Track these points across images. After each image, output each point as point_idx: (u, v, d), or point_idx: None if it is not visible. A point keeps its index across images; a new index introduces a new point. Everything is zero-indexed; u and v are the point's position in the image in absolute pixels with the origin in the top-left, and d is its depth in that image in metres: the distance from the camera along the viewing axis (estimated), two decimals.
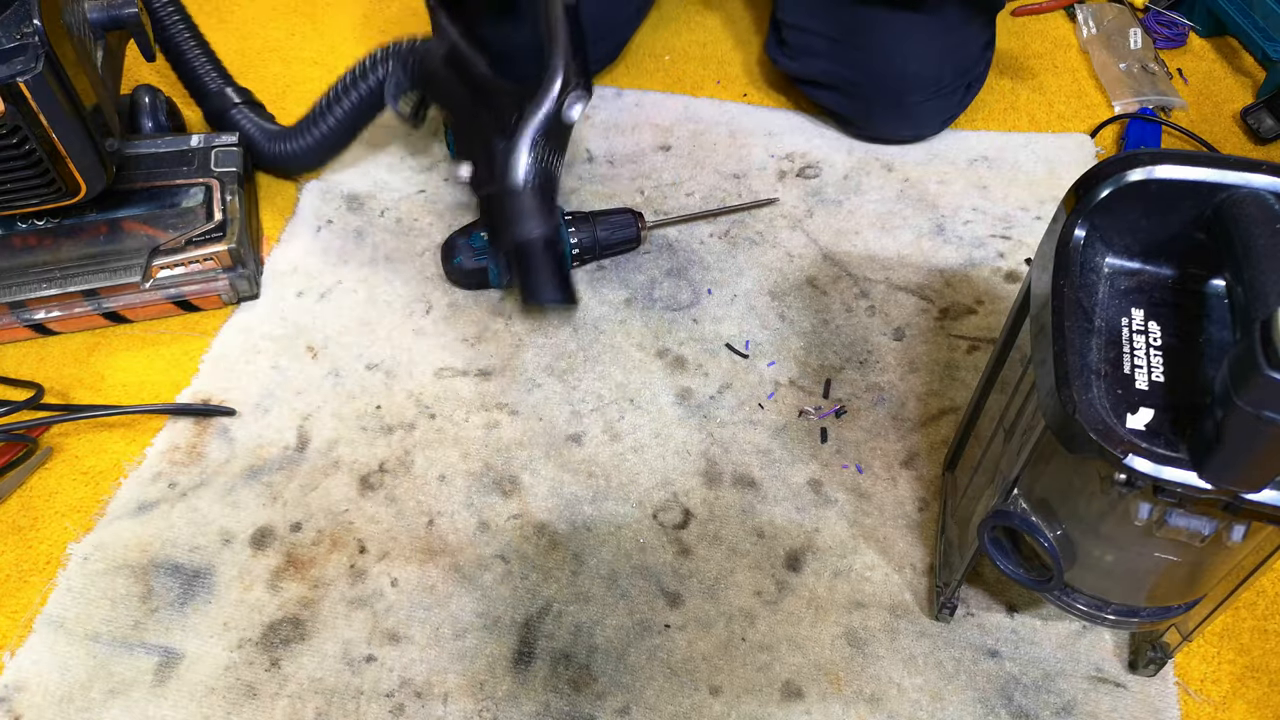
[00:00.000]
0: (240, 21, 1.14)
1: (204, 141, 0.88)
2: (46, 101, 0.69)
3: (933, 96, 0.93)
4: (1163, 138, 0.99)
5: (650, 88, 1.05)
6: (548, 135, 0.75)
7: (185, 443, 0.75)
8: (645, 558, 0.69)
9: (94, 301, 0.80)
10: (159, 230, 0.82)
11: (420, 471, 0.74)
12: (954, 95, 0.95)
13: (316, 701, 0.62)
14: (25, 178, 0.73)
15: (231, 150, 0.88)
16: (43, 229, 0.81)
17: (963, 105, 0.97)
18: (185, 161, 0.87)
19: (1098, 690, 0.63)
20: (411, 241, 0.90)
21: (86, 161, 0.74)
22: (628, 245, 0.88)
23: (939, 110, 0.95)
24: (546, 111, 0.74)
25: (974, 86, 0.97)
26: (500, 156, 0.75)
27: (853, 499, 0.72)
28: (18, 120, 0.69)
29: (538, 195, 0.76)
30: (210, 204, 0.84)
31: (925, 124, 0.96)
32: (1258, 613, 0.67)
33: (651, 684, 0.63)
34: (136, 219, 0.83)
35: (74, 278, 0.80)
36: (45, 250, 0.81)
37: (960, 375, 0.79)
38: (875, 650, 0.65)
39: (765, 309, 0.84)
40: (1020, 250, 0.88)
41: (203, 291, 0.83)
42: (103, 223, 0.82)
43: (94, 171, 0.75)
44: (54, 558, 0.69)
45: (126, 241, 0.82)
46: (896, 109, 0.94)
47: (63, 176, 0.74)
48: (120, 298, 0.81)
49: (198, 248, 0.81)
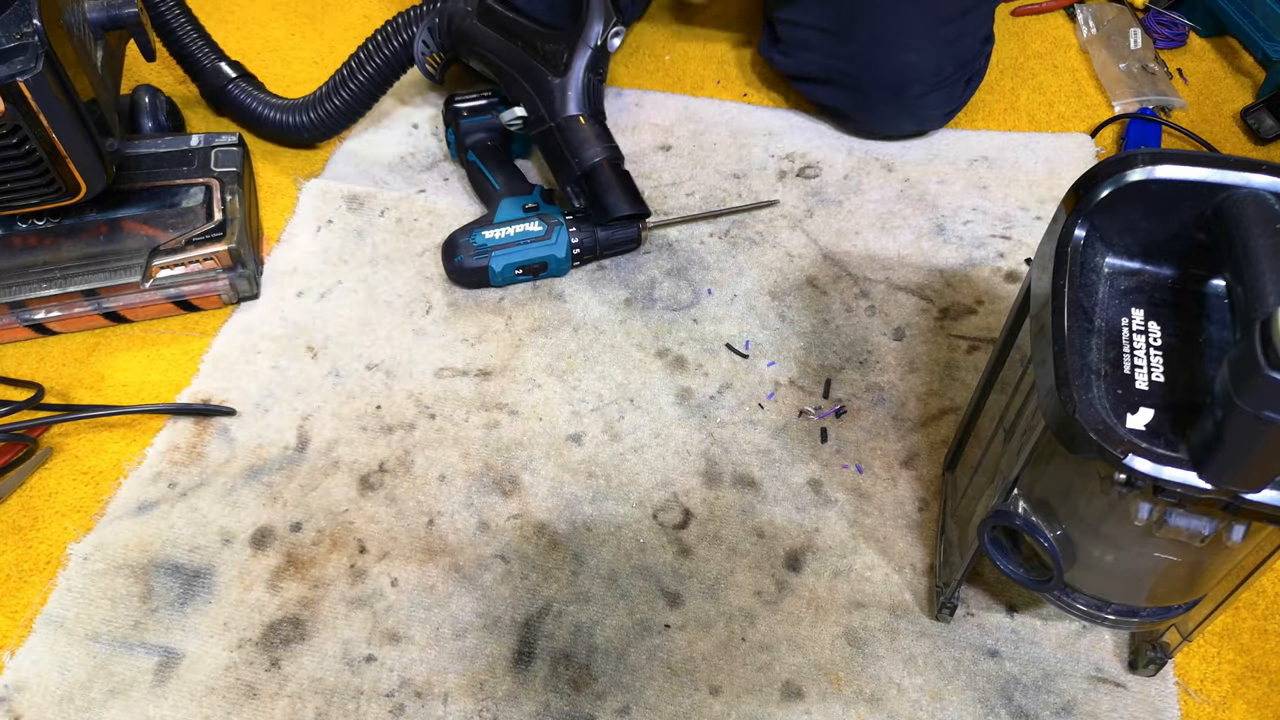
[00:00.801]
0: (240, 21, 1.14)
1: (204, 141, 0.89)
2: (46, 101, 0.69)
3: (933, 89, 0.92)
4: (1163, 138, 0.99)
5: (650, 88, 1.05)
6: (594, 67, 0.84)
7: (185, 443, 0.75)
8: (645, 558, 0.69)
9: (94, 301, 0.80)
10: (159, 230, 0.82)
11: (420, 471, 0.74)
12: (955, 88, 0.94)
13: (316, 701, 0.62)
14: (25, 178, 0.73)
15: (231, 150, 0.88)
16: (43, 229, 0.81)
17: (963, 100, 0.97)
18: (185, 161, 0.87)
19: (1098, 690, 0.63)
20: (411, 241, 0.90)
21: (86, 161, 0.74)
22: (628, 246, 0.88)
23: (940, 103, 0.94)
24: (594, 46, 0.83)
25: (974, 81, 0.97)
26: (558, 92, 0.83)
27: (853, 499, 0.72)
28: (18, 120, 0.69)
29: (596, 121, 0.84)
30: (210, 204, 0.84)
31: (926, 117, 0.96)
32: (1258, 613, 0.67)
33: (651, 684, 0.63)
34: (136, 219, 0.83)
35: (74, 278, 0.80)
36: (45, 250, 0.81)
37: (960, 375, 0.79)
38: (875, 650, 0.65)
39: (765, 309, 0.84)
40: (1020, 250, 0.88)
41: (203, 291, 0.83)
42: (103, 223, 0.82)
43: (94, 171, 0.75)
44: (54, 558, 0.69)
45: (126, 241, 0.82)
46: (896, 101, 0.93)
47: (62, 176, 0.74)
48: (120, 298, 0.81)
49: (198, 248, 0.81)
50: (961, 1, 0.92)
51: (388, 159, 0.97)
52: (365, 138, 0.99)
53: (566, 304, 0.85)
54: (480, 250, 0.83)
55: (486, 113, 0.92)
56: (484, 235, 0.84)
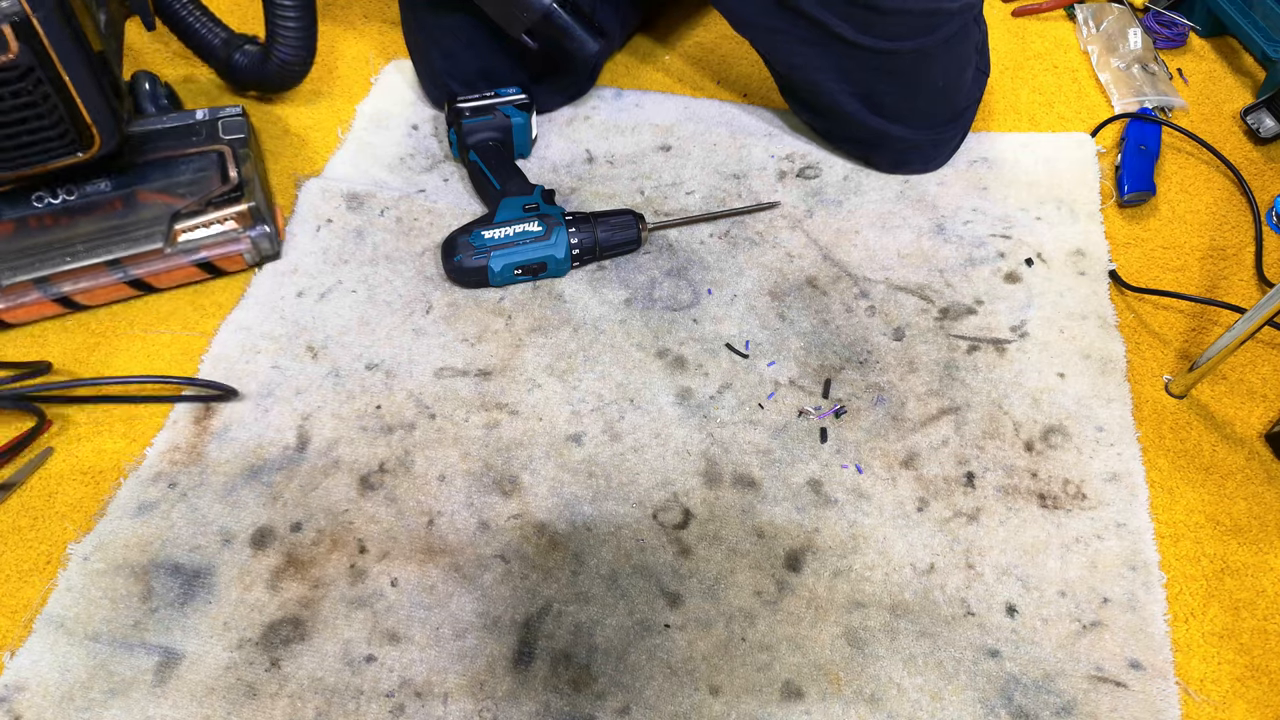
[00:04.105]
0: (240, 21, 1.14)
1: (209, 115, 0.90)
2: (60, 41, 0.69)
3: (930, 145, 0.94)
4: (1162, 138, 0.99)
5: (650, 88, 1.05)
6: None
7: (185, 443, 0.75)
8: (645, 558, 0.69)
9: (119, 271, 0.81)
10: (175, 198, 0.84)
11: (420, 471, 0.74)
12: (954, 127, 0.95)
13: (316, 701, 0.62)
14: (40, 128, 0.73)
15: (236, 119, 0.90)
16: (59, 207, 0.82)
17: (965, 131, 0.97)
18: (193, 133, 0.89)
19: (1098, 690, 0.63)
20: (411, 241, 0.90)
21: (100, 111, 0.75)
22: (628, 247, 0.88)
23: (939, 157, 0.96)
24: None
25: (970, 110, 0.96)
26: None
27: (853, 499, 0.72)
28: (31, 61, 0.69)
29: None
30: (224, 168, 0.86)
31: (930, 165, 0.96)
32: (1258, 613, 0.67)
33: (651, 684, 0.63)
34: (151, 189, 0.84)
35: (96, 249, 0.81)
36: (62, 228, 0.81)
37: (960, 375, 0.79)
38: (875, 650, 0.65)
39: (765, 309, 0.84)
40: (1020, 250, 0.88)
41: (226, 253, 0.84)
42: (117, 197, 0.84)
43: (107, 124, 0.76)
44: (54, 558, 0.69)
45: (143, 211, 0.83)
46: (896, 169, 0.96)
47: (77, 127, 0.74)
48: (144, 265, 0.82)
49: (218, 209, 0.83)
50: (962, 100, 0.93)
51: (388, 159, 0.97)
52: (365, 138, 0.99)
53: (566, 304, 0.85)
54: (480, 250, 0.83)
55: (488, 113, 0.92)
56: (483, 235, 0.84)
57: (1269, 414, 0.78)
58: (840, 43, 0.84)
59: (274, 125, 1.00)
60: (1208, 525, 0.71)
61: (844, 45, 0.84)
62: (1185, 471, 0.74)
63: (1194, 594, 0.68)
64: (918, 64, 0.86)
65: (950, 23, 0.84)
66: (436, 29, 0.94)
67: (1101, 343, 0.81)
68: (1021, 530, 0.70)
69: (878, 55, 0.84)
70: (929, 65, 0.86)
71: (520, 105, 0.93)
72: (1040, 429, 0.76)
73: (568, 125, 1.00)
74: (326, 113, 1.02)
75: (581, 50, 0.87)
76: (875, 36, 0.83)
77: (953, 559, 0.69)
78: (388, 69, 1.06)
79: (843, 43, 0.84)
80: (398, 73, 1.06)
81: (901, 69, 0.86)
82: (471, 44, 0.93)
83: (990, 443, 0.75)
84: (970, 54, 0.91)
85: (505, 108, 0.93)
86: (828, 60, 0.86)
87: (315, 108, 1.02)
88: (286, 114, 1.02)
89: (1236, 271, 0.88)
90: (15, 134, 0.73)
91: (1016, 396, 0.78)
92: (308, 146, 0.99)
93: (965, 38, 0.88)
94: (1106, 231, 0.90)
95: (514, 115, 0.93)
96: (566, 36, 0.86)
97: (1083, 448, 0.75)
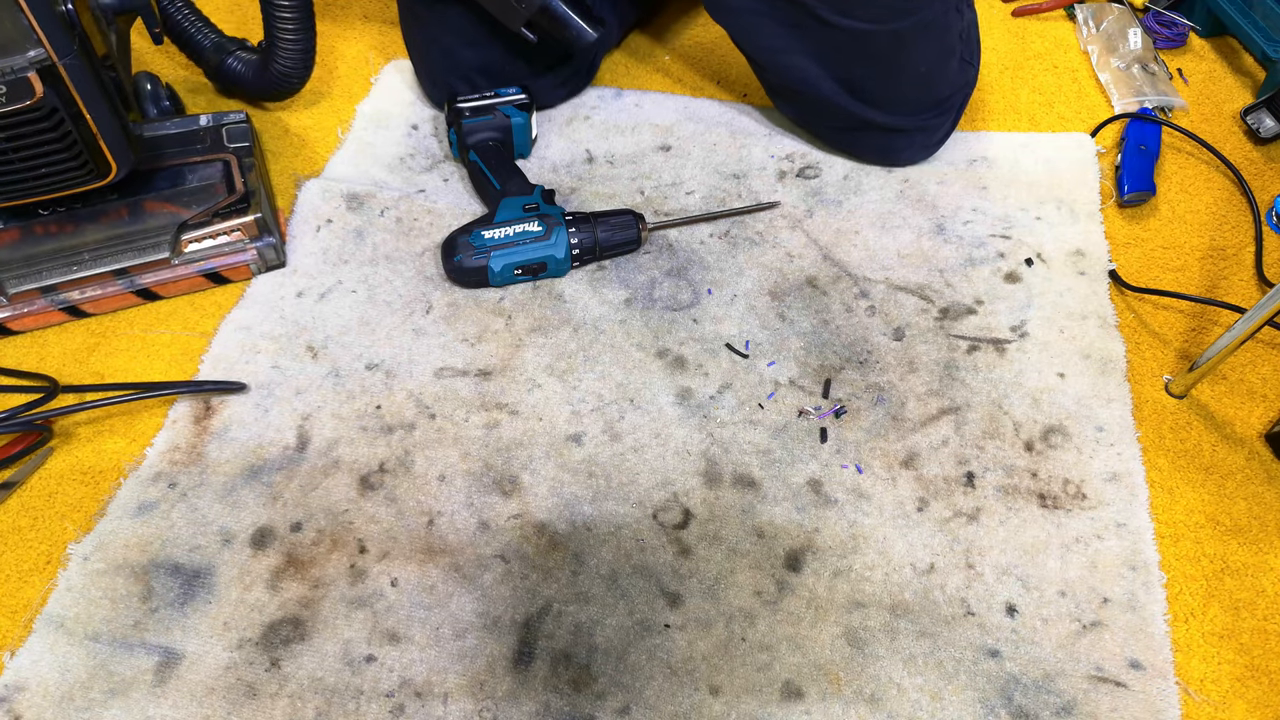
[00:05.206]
0: (240, 21, 1.14)
1: (212, 120, 0.90)
2: (82, 82, 0.70)
3: (915, 132, 0.94)
4: (1162, 138, 0.99)
5: (650, 88, 1.05)
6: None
7: (185, 443, 0.75)
8: (645, 558, 0.69)
9: (125, 280, 0.81)
10: (181, 208, 0.84)
11: (420, 471, 0.74)
12: (939, 115, 0.94)
13: (316, 701, 0.62)
14: (59, 160, 0.74)
15: (241, 126, 0.90)
16: (63, 216, 0.82)
17: (952, 121, 0.96)
18: (197, 140, 0.88)
19: (1098, 690, 0.63)
20: (411, 241, 0.90)
21: (117, 141, 0.76)
22: (628, 247, 0.88)
23: (927, 146, 0.96)
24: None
25: (956, 99, 0.95)
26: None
27: (853, 499, 0.72)
28: (55, 102, 0.70)
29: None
30: (230, 178, 0.86)
31: (917, 155, 0.97)
32: (1258, 613, 0.67)
33: (651, 684, 0.63)
34: (157, 198, 0.84)
35: (103, 258, 0.81)
36: (68, 236, 0.82)
37: (960, 375, 0.79)
38: (875, 650, 0.65)
39: (765, 309, 0.84)
40: (1020, 250, 0.88)
41: (232, 263, 0.84)
42: (123, 206, 0.84)
43: (123, 152, 0.77)
44: (54, 558, 0.69)
45: (150, 220, 0.83)
46: (886, 161, 0.96)
47: (95, 158, 0.75)
48: (151, 274, 0.82)
49: (225, 220, 0.83)
50: (946, 88, 0.93)
51: (388, 159, 0.97)
52: (365, 138, 0.99)
53: (566, 304, 0.85)
54: (479, 250, 0.83)
55: (488, 113, 0.92)
56: (483, 235, 0.84)
57: (1269, 414, 0.78)
58: (819, 24, 0.85)
59: (274, 125, 1.00)
60: (1208, 525, 0.71)
61: (822, 26, 0.85)
62: (1185, 471, 0.74)
63: (1194, 594, 0.68)
64: (896, 47, 0.86)
65: (929, 6, 0.85)
66: (435, 26, 0.94)
67: (1101, 343, 0.81)
68: (1021, 530, 0.70)
69: (856, 37, 0.85)
70: (908, 49, 0.87)
71: (520, 105, 0.93)
72: (1040, 429, 0.76)
73: (567, 125, 1.00)
74: (326, 113, 1.02)
75: (581, 39, 0.87)
76: (854, 19, 0.84)
77: (953, 559, 0.69)
78: (387, 69, 1.06)
79: (821, 24, 0.85)
80: (397, 73, 1.06)
81: (880, 52, 0.86)
82: (470, 40, 0.93)
83: (990, 443, 0.75)
84: (954, 42, 0.91)
85: (505, 107, 0.93)
86: (806, 44, 0.87)
87: (315, 108, 1.02)
88: (286, 114, 1.02)
89: (1236, 271, 0.88)
90: (36, 166, 0.74)
91: (1016, 396, 0.78)
92: (308, 147, 0.99)
93: (946, 24, 0.89)
94: (1106, 231, 0.90)
95: (514, 115, 0.93)
96: (565, 27, 0.87)
97: (1083, 448, 0.75)
